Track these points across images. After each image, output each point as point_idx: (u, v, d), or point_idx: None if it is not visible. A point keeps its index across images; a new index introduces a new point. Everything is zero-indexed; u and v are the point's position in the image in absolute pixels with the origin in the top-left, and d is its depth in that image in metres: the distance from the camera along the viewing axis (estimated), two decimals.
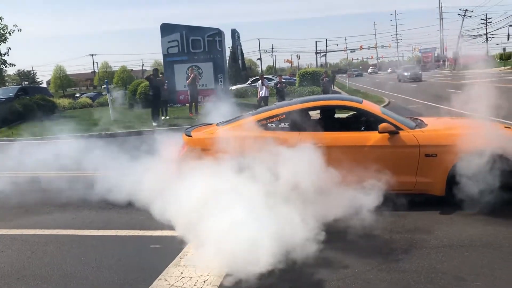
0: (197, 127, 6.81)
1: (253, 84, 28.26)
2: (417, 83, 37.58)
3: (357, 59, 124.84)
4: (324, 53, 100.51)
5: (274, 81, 20.97)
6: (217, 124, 6.59)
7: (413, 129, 5.79)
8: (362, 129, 5.97)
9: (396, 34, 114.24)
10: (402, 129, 5.63)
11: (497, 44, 75.69)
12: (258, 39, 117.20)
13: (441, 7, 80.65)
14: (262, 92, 18.95)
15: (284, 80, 28.12)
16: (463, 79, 39.18)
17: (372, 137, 5.62)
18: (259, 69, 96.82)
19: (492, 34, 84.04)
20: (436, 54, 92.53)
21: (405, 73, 42.29)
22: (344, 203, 4.96)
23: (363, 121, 6.13)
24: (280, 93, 19.25)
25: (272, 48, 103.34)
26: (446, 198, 5.40)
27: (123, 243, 5.05)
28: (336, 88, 39.18)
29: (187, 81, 18.58)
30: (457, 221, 5.04)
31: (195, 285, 3.89)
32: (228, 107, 9.68)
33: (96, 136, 14.84)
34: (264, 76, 26.16)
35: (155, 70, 17.48)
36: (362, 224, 4.86)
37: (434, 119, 6.67)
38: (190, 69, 19.36)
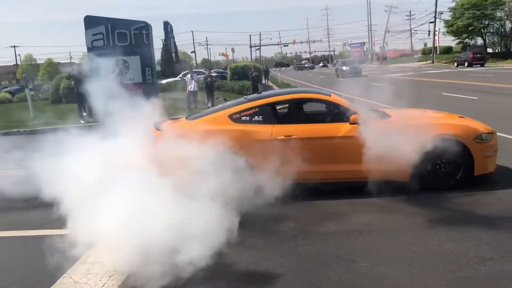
0: (165, 121, 6.73)
1: (184, 78, 28.01)
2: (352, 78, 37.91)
3: (291, 53, 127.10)
4: (258, 47, 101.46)
5: (204, 75, 20.85)
6: (187, 118, 6.68)
7: (380, 119, 6.15)
8: (332, 121, 6.17)
9: (328, 29, 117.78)
10: (368, 119, 5.93)
11: (420, 40, 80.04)
12: (192, 31, 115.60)
13: (369, 3, 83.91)
14: (191, 86, 18.86)
15: (214, 74, 28.13)
16: (387, 73, 41.18)
17: (343, 128, 5.89)
18: (194, 62, 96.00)
19: (416, 30, 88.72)
20: (365, 49, 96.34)
21: (344, 68, 39.87)
22: (251, 194, 5.15)
23: (332, 113, 6.33)
24: (209, 88, 19.25)
25: (207, 41, 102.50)
26: (411, 184, 5.73)
27: (30, 244, 4.93)
28: (269, 83, 39.78)
29: (112, 75, 18.07)
30: (358, 208, 5.41)
31: (100, 280, 3.89)
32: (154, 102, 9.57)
33: (14, 134, 14.14)
34: (196, 70, 26.04)
35: (79, 66, 16.89)
36: (271, 213, 5.10)
37: (394, 111, 6.96)
38: (115, 63, 18.86)
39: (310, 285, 3.66)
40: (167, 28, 53.07)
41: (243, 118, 6.09)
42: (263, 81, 38.70)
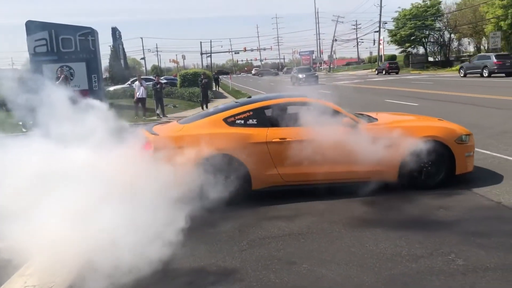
0: (157, 125, 6.73)
1: (132, 85, 27.56)
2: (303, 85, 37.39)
3: (242, 60, 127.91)
4: (210, 54, 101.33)
5: (153, 82, 20.60)
6: (179, 122, 6.67)
7: (368, 123, 6.42)
8: (325, 124, 6.15)
9: (278, 37, 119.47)
10: (359, 123, 6.25)
11: (366, 48, 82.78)
12: (141, 38, 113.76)
13: (317, 12, 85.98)
14: (139, 93, 18.60)
15: (164, 81, 27.86)
16: (334, 81, 42.19)
17: (336, 131, 6.01)
18: (144, 68, 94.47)
19: (362, 39, 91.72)
20: (314, 57, 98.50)
21: (300, 76, 39.32)
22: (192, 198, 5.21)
23: (320, 116, 6.27)
24: (157, 94, 19.05)
25: (157, 48, 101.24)
26: (399, 183, 6.08)
27: None
28: (220, 90, 39.83)
29: (57, 82, 17.53)
30: (301, 212, 5.55)
31: None
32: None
33: None
34: (144, 77, 25.68)
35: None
36: (216, 218, 5.17)
37: (379, 115, 7.20)
38: (59, 69, 18.31)
39: None
40: (116, 34, 52.01)
41: (238, 121, 6.17)
42: (214, 88, 38.73)
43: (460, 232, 4.64)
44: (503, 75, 31.19)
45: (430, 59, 65.44)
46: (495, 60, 31.75)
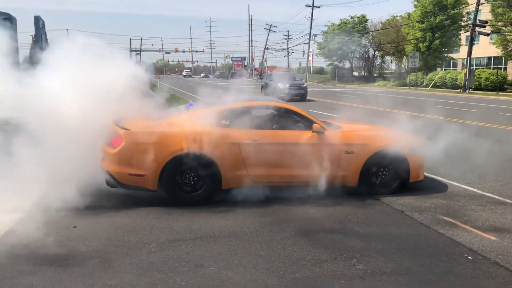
0: (123, 121, 6.18)
1: None
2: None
3: (173, 61, 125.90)
4: (139, 52, 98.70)
5: None
6: (148, 118, 6.33)
7: (334, 130, 6.59)
8: (294, 128, 6.51)
9: (210, 41, 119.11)
10: (326, 129, 6.44)
11: (297, 59, 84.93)
12: (67, 29, 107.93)
13: (251, 19, 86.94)
14: None
15: None
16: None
17: (304, 135, 6.30)
18: None
19: (292, 50, 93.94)
20: (245, 63, 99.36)
21: (281, 86, 26.03)
22: None
23: (294, 121, 6.61)
24: None
25: None
26: (358, 188, 6.42)
27: None
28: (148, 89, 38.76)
29: None
30: (214, 215, 5.54)
31: None
32: None
33: None
34: None
35: None
36: (125, 221, 5.02)
37: (341, 123, 7.44)
38: None
39: None
40: (38, 23, 49.17)
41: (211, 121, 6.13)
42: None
43: (364, 239, 4.88)
44: None
45: (355, 73, 68.57)
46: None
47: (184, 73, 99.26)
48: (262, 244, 4.67)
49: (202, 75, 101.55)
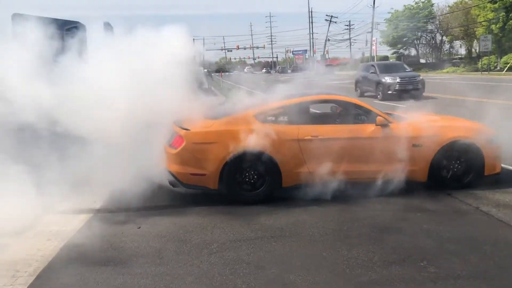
0: (183, 121, 6.21)
1: None
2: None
3: (235, 58, 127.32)
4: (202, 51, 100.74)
5: None
6: (207, 117, 6.27)
7: (399, 122, 6.25)
8: (357, 122, 6.29)
9: (271, 36, 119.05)
10: (391, 122, 6.10)
11: (360, 49, 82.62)
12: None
13: (311, 11, 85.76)
14: None
15: None
16: (327, 81, 41.99)
17: (368, 129, 6.01)
18: None
19: (355, 39, 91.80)
20: (307, 56, 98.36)
21: (390, 80, 19.55)
22: None
23: (353, 114, 6.39)
24: None
25: None
26: (427, 183, 6.04)
27: None
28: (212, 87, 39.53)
29: None
30: (278, 213, 5.43)
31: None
32: None
33: None
34: None
35: None
36: (189, 221, 5.05)
37: (407, 114, 6.96)
38: None
39: None
40: (107, 29, 51.51)
41: (269, 118, 6.09)
42: (205, 86, 38.41)
43: (435, 238, 4.55)
44: None
45: (422, 60, 65.67)
46: None
47: (246, 70, 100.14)
48: (325, 244, 4.49)
49: (264, 70, 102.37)
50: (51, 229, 5.04)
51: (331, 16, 78.08)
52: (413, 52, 66.30)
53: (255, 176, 5.82)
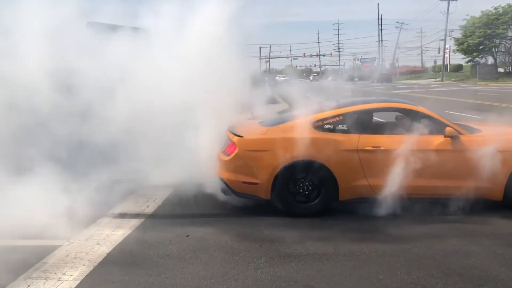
0: (237, 127, 6.14)
1: None
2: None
3: (301, 66, 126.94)
4: (268, 59, 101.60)
5: None
6: (261, 124, 6.21)
7: (471, 133, 5.82)
8: (423, 132, 5.67)
9: (338, 43, 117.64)
10: (462, 134, 5.66)
11: (432, 57, 79.33)
12: None
13: (381, 18, 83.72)
14: None
15: None
16: (393, 89, 40.80)
17: (435, 141, 5.59)
18: None
19: (427, 47, 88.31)
20: (375, 64, 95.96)
21: None
22: None
23: (419, 124, 5.76)
24: None
25: None
26: (504, 202, 5.52)
27: None
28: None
29: None
30: (331, 230, 5.09)
31: None
32: None
33: None
34: None
35: None
36: (243, 231, 4.86)
37: (481, 125, 6.53)
38: None
39: None
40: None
41: (326, 126, 5.71)
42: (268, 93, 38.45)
43: (510, 266, 4.02)
44: None
45: (500, 69, 61.68)
46: None
47: (311, 78, 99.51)
48: (382, 266, 4.10)
49: (330, 78, 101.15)
50: (102, 233, 5.04)
51: (402, 23, 75.89)
52: (490, 60, 62.50)
53: (310, 188, 5.52)
